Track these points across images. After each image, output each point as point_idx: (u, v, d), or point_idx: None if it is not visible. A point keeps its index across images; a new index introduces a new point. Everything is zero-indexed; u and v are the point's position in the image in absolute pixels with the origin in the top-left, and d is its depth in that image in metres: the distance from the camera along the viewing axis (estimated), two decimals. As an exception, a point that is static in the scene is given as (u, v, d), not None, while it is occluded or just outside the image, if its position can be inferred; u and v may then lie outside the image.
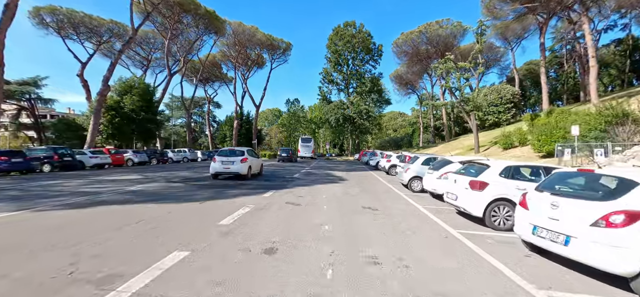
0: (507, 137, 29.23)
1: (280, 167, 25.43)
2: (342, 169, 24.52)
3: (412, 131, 79.56)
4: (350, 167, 26.63)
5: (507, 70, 64.78)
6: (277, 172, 19.62)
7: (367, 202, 8.92)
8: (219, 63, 60.16)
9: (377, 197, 10.11)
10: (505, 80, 62.68)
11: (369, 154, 31.15)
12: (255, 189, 10.90)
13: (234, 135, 50.65)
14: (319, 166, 28.36)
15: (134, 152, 25.22)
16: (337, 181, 14.82)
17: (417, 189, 11.80)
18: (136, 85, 35.92)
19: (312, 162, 36.54)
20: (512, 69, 59.11)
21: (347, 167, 26.61)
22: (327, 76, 49.31)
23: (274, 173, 18.56)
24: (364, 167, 27.00)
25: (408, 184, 12.04)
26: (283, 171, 20.94)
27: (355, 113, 45.50)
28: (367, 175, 19.31)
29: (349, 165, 30.99)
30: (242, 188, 11.13)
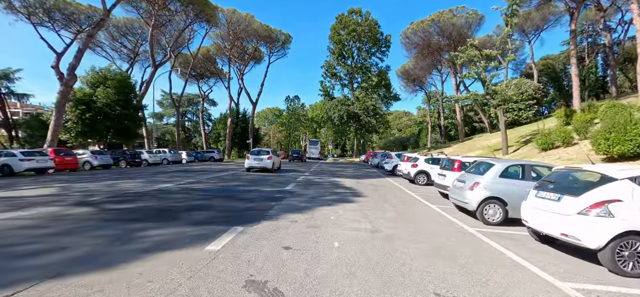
0: (546, 136, 23.99)
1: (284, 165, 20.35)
2: (350, 174, 19.38)
3: (418, 131, 74.30)
4: (359, 172, 21.46)
5: (522, 65, 59.47)
6: (270, 176, 14.63)
7: (439, 271, 3.76)
8: (213, 57, 55.11)
9: (443, 248, 4.91)
10: (520, 76, 57.39)
11: (380, 156, 25.97)
12: (199, 226, 5.77)
13: (227, 134, 45.56)
14: (321, 170, 23.17)
15: (94, 153, 20.10)
16: (350, 198, 9.66)
17: (497, 219, 6.62)
18: (112, 77, 30.84)
19: (314, 165, 31.39)
20: (528, 64, 53.83)
21: (355, 172, 21.47)
22: (329, 69, 44.12)
23: (264, 178, 13.53)
24: (375, 172, 21.84)
25: (478, 209, 6.81)
26: (276, 176, 15.86)
27: (361, 109, 40.31)
28: (385, 184, 14.15)
29: (356, 168, 25.82)
30: (167, 227, 6.02)
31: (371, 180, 15.82)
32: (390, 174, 19.51)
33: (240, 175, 16.74)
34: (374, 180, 15.83)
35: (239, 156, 53.50)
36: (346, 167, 26.95)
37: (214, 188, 10.90)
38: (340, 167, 27.68)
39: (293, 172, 19.92)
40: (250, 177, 15.83)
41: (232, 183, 12.70)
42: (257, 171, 18.57)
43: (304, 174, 18.59)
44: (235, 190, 10.50)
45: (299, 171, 20.59)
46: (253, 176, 16.20)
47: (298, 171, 20.52)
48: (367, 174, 19.15)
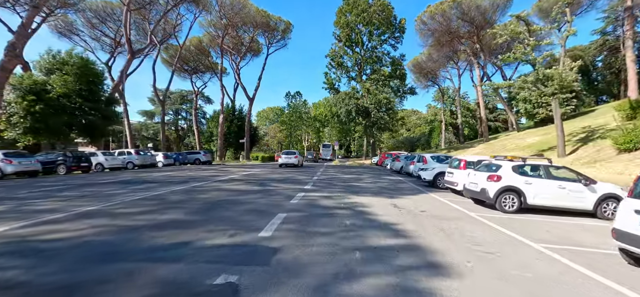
0: (628, 133, 17.46)
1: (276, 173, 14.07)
2: (372, 186, 12.99)
3: (428, 130, 67.65)
4: (382, 182, 15.04)
5: (546, 58, 52.60)
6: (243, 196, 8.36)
7: None
8: (206, 49, 48.97)
9: None
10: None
11: (405, 159, 19.54)
12: None
13: (219, 133, 39.33)
14: (329, 178, 16.77)
15: (7, 156, 13.79)
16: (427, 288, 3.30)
17: None
18: (72, 63, 24.68)
19: (320, 168, 24.99)
20: (556, 56, 46.96)
21: (376, 181, 15.06)
22: (334, 58, 37.72)
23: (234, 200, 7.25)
24: (402, 181, 15.40)
25: None
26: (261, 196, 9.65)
27: (372, 104, 33.86)
28: (447, 214, 7.68)
29: (374, 175, 19.40)
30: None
31: (411, 199, 9.43)
32: (430, 185, 13.09)
33: (197, 192, 10.37)
34: (416, 199, 9.44)
35: (234, 157, 47.27)
36: (360, 173, 20.52)
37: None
38: (352, 173, 21.23)
39: (291, 183, 13.55)
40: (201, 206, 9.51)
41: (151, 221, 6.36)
42: (287, 167, 24.03)
43: (305, 186, 12.21)
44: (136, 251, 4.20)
45: (299, 182, 14.23)
46: (206, 205, 9.87)
47: (296, 185, 14.15)
48: (397, 187, 12.73)
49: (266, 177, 15.22)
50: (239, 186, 11.30)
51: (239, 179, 13.66)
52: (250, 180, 13.41)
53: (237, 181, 13.05)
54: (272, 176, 15.82)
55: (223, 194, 9.30)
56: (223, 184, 12.06)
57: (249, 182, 12.22)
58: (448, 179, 11.20)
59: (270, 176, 15.81)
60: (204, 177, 14.44)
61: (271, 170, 20.46)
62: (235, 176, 15.35)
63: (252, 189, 10.52)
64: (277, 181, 13.68)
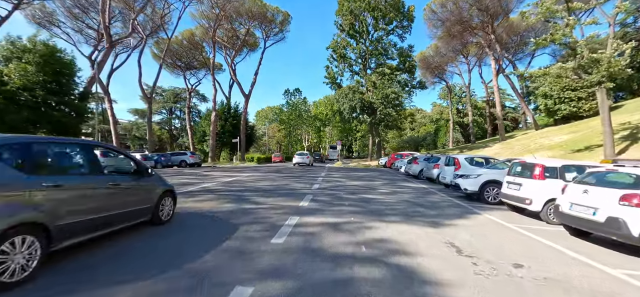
0: None
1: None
2: (387, 192, 9.34)
3: (434, 130, 63.93)
4: (401, 189, 11.36)
5: (561, 52, 48.90)
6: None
7: None
8: (200, 43, 45.37)
9: None
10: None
11: (424, 161, 15.85)
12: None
13: (211, 132, 35.67)
14: (333, 186, 13.17)
15: None
16: None
17: None
18: (35, 50, 21.08)
19: (321, 172, 21.29)
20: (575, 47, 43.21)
21: (392, 187, 11.39)
22: (337, 50, 34.02)
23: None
24: (422, 186, 11.72)
25: None
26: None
27: (379, 99, 30.12)
28: (598, 282, 3.96)
29: (388, 180, 15.72)
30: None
31: (468, 229, 5.81)
32: (471, 198, 9.44)
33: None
34: (475, 229, 5.83)
35: (230, 158, 43.56)
36: (371, 178, 16.84)
37: None
38: (361, 178, 17.55)
39: (281, 197, 9.92)
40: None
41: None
42: (301, 166, 27.98)
43: (300, 203, 8.58)
44: None
45: (293, 195, 10.61)
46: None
47: (288, 200, 10.51)
48: (430, 202, 9.11)
49: (251, 186, 11.53)
50: (202, 204, 7.62)
51: (211, 191, 9.99)
52: (226, 192, 9.72)
53: (207, 193, 9.38)
54: (260, 185, 12.12)
55: (135, 237, 5.63)
56: (180, 201, 8.40)
57: (221, 198, 8.53)
58: (510, 192, 7.51)
59: (256, 185, 12.11)
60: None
61: (262, 175, 16.76)
62: (210, 184, 11.67)
63: (221, 210, 6.85)
64: (263, 192, 9.99)
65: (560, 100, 33.40)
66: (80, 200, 3.63)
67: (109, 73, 38.37)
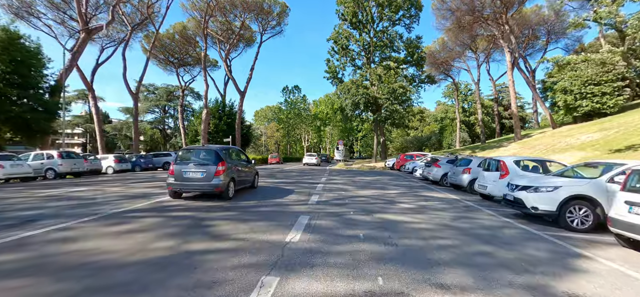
0: None
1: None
2: (413, 208, 6.29)
3: (439, 129, 60.85)
4: (429, 202, 8.26)
5: (575, 45, 45.75)
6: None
7: None
8: (193, 38, 42.27)
9: None
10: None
11: (451, 164, 12.77)
12: None
13: (203, 132, 32.58)
14: (337, 198, 10.11)
15: None
16: None
17: None
18: (-8, 34, 18.03)
19: (322, 176, 18.13)
20: (596, 39, 39.90)
21: (417, 199, 8.26)
22: (338, 42, 30.90)
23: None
24: (453, 197, 8.59)
25: None
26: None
27: (386, 94, 26.94)
28: None
29: (403, 187, 12.60)
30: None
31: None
32: (540, 220, 6.37)
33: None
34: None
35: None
36: (383, 185, 13.72)
37: None
38: (370, 184, 14.44)
39: (261, 220, 6.87)
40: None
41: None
42: (310, 166, 29.57)
43: (287, 237, 5.47)
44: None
45: (281, 214, 7.52)
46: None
47: (268, 230, 7.39)
48: (486, 228, 6.07)
49: (216, 202, 8.44)
50: (115, 244, 4.54)
51: (152, 212, 6.89)
52: (175, 215, 6.66)
53: (139, 219, 6.28)
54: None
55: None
56: (87, 239, 5.31)
57: (154, 230, 5.45)
58: (633, 219, 4.43)
59: (234, 198, 9.03)
60: (90, 203, 7.76)
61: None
62: (168, 197, 8.57)
63: (139, 261, 3.78)
64: (238, 213, 6.91)
65: (581, 95, 30.23)
66: (238, 172, 9.07)
67: (94, 68, 35.35)
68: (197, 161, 8.14)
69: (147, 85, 50.13)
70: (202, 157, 8.21)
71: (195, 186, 7.83)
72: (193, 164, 8.04)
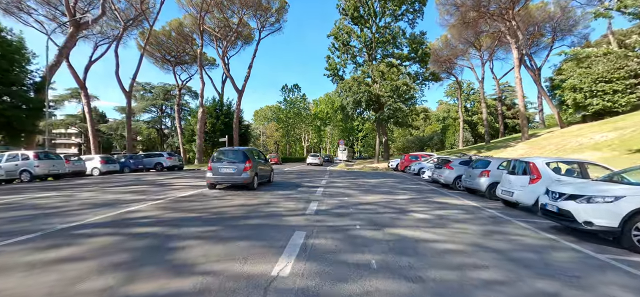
0: None
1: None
2: (429, 218, 5.03)
3: (441, 129, 59.56)
4: (446, 210, 6.96)
5: (581, 43, 44.43)
6: None
7: None
8: (189, 35, 41.03)
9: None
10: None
11: (464, 166, 11.52)
12: None
13: (198, 131, 31.30)
14: (339, 206, 8.82)
15: None
16: None
17: None
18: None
19: (322, 178, 16.80)
20: (604, 36, 38.58)
21: (429, 206, 6.96)
22: (339, 37, 29.61)
23: None
24: (471, 204, 7.30)
25: None
26: None
27: (389, 92, 25.57)
28: None
29: (412, 191, 11.31)
30: None
31: None
32: (589, 236, 5.10)
33: None
34: None
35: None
36: (390, 188, 12.43)
37: None
38: (375, 187, 13.15)
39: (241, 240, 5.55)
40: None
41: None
42: (313, 166, 30.80)
43: (272, 272, 4.15)
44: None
45: (259, 260, 6.19)
46: None
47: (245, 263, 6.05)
48: (538, 253, 4.74)
49: (207, 209, 7.19)
50: (23, 286, 3.26)
51: (113, 228, 5.61)
52: (143, 229, 5.40)
53: (92, 238, 5.02)
54: (224, 206, 7.78)
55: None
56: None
57: (101, 258, 4.18)
58: None
59: (219, 205, 7.77)
60: (44, 214, 6.50)
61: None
62: (141, 206, 7.27)
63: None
64: (218, 228, 5.64)
65: (591, 93, 28.97)
66: (259, 169, 10.95)
67: (87, 65, 34.03)
68: (229, 159, 10.13)
69: (144, 84, 48.85)
70: (233, 156, 10.20)
71: (228, 179, 9.96)
72: (226, 162, 10.08)
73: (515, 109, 58.35)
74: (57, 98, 42.16)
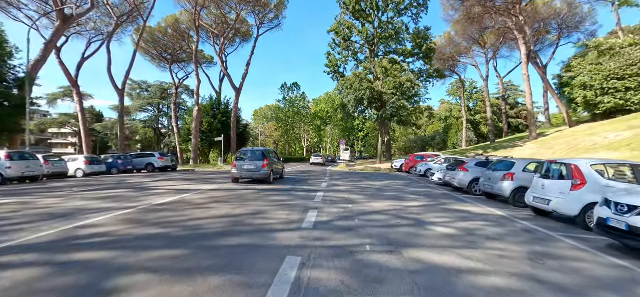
0: None
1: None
2: (479, 253, 3.77)
3: (443, 128, 58.28)
4: (477, 226, 5.74)
5: (589, 39, 43.02)
6: None
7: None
8: (186, 32, 39.74)
9: None
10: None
11: (481, 168, 10.23)
12: None
13: (194, 130, 30.06)
14: (343, 216, 7.50)
15: None
16: None
17: None
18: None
19: (322, 182, 15.49)
20: (612, 32, 37.21)
21: (455, 220, 5.70)
22: (340, 33, 28.28)
23: None
24: (498, 214, 6.01)
25: None
26: None
27: (392, 89, 24.28)
28: None
29: (423, 196, 10.06)
30: None
31: None
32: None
33: None
34: None
35: (223, 159, 37.98)
36: (397, 192, 11.18)
37: None
38: (381, 192, 11.86)
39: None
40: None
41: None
42: (316, 165, 31.85)
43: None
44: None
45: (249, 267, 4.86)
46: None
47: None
48: None
49: (183, 223, 5.94)
50: None
51: (30, 254, 4.35)
52: (59, 262, 4.12)
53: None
54: (204, 218, 6.51)
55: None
56: None
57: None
58: None
59: (202, 217, 6.51)
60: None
61: (232, 190, 11.09)
62: (102, 217, 6.02)
63: None
64: (180, 257, 4.36)
65: (603, 91, 27.68)
66: (274, 166, 13.42)
67: (79, 62, 32.78)
68: (250, 158, 12.25)
69: (140, 82, 47.60)
70: (254, 156, 12.30)
71: (250, 174, 12.06)
72: (248, 160, 12.20)
73: (518, 108, 57.06)
74: (50, 96, 40.89)
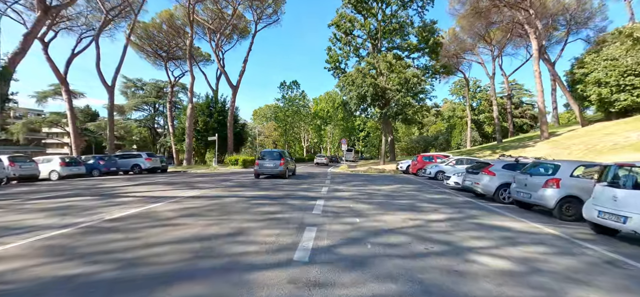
0: None
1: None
2: None
3: (446, 128, 56.60)
4: (543, 263, 4.09)
5: (597, 37, 41.37)
6: None
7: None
8: (182, 28, 38.05)
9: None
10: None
11: (512, 170, 8.50)
12: None
13: (187, 129, 28.42)
14: (347, 230, 5.75)
15: None
16: None
17: None
18: None
19: (322, 185, 13.77)
20: (621, 28, 35.56)
21: (509, 253, 4.05)
22: (341, 26, 26.61)
23: None
24: (593, 249, 4.37)
25: None
26: None
27: (397, 85, 22.56)
28: None
29: (429, 198, 8.40)
30: None
31: None
32: None
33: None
34: None
35: (220, 159, 36.28)
36: (409, 199, 9.53)
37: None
38: (391, 199, 10.20)
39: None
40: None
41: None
42: (321, 166, 33.47)
43: None
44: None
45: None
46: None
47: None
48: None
49: (97, 264, 4.24)
50: None
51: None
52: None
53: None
54: (144, 243, 4.84)
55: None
56: None
57: None
58: None
59: (138, 243, 4.82)
60: None
61: (216, 199, 9.43)
62: (19, 243, 4.38)
63: None
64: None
65: (619, 88, 26.00)
66: (289, 165, 16.88)
67: (69, 58, 31.16)
68: (270, 158, 14.95)
69: (135, 80, 45.94)
70: (273, 156, 15.02)
71: (270, 171, 14.70)
72: (268, 159, 14.90)
73: (522, 107, 55.40)
74: (40, 94, 39.28)
